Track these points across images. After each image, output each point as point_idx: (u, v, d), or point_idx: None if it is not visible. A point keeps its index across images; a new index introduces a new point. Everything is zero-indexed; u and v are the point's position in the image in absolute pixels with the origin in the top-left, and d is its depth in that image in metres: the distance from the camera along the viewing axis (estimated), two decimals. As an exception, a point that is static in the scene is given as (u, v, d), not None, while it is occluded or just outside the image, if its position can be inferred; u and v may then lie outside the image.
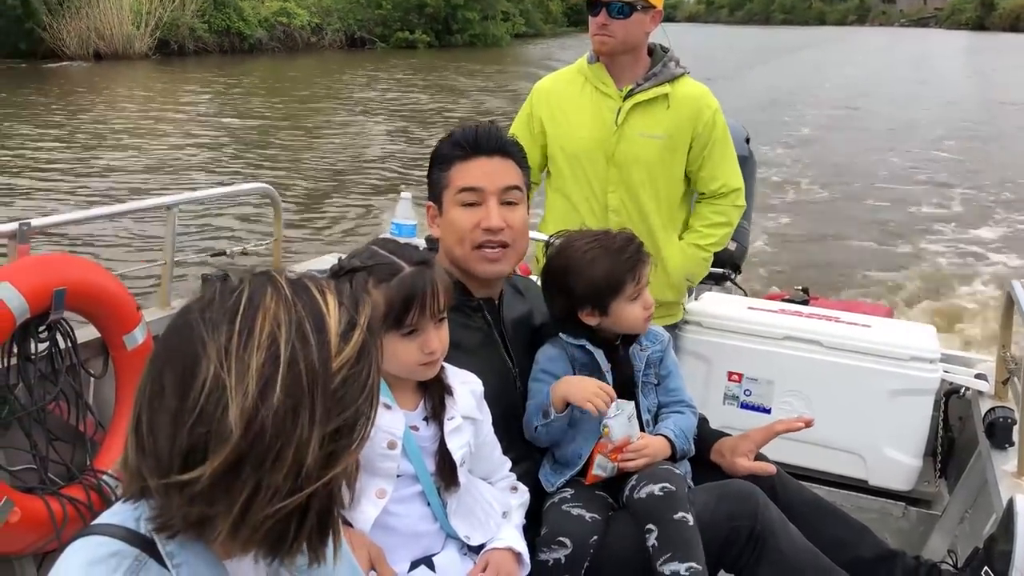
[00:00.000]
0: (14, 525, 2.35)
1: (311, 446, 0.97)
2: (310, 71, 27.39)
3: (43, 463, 2.58)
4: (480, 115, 19.14)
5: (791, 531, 2.07)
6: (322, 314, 1.00)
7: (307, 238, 9.56)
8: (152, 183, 11.83)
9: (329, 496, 1.02)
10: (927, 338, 3.33)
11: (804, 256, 9.76)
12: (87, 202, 10.43)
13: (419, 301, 1.73)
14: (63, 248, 7.59)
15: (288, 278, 1.04)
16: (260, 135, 16.17)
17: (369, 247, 1.84)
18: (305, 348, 0.98)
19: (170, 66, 26.74)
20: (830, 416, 3.22)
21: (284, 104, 20.32)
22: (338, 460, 1.00)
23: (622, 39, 3.00)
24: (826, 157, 15.63)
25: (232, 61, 28.27)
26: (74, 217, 3.17)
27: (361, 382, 1.00)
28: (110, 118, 17.07)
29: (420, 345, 1.76)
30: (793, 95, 24.50)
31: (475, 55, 34.86)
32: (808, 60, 36.66)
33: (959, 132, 19.11)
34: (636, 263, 2.16)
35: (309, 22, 33.50)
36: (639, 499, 2.01)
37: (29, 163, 12.87)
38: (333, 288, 1.04)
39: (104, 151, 13.96)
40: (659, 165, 3.06)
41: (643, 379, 2.23)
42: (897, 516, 3.22)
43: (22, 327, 2.48)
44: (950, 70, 34.17)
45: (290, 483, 0.97)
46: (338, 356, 0.99)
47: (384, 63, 30.10)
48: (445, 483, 1.82)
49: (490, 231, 2.08)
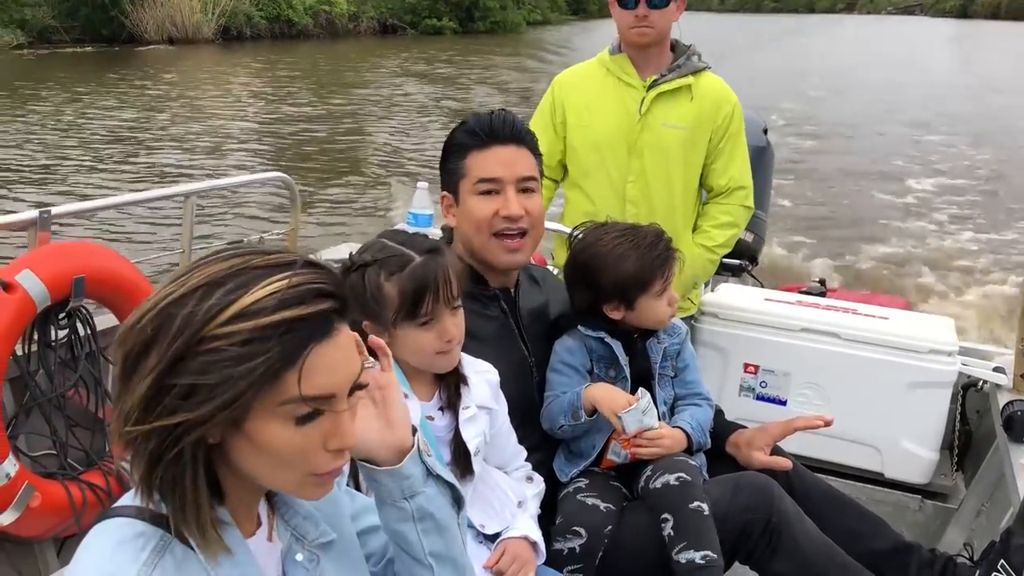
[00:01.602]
0: (35, 509, 2.38)
1: (148, 379, 1.01)
2: (347, 56, 29.46)
3: (63, 449, 2.61)
4: (505, 95, 19.99)
5: (806, 523, 2.07)
6: (243, 290, 1.02)
7: (326, 224, 9.62)
8: (180, 167, 12.06)
9: (175, 453, 1.03)
10: (945, 331, 3.31)
11: (822, 247, 9.71)
12: (132, 185, 10.80)
13: (432, 289, 1.73)
14: (85, 235, 7.66)
15: (273, 257, 1.07)
16: (288, 124, 16.45)
17: (379, 239, 1.84)
18: (200, 303, 1.01)
19: (230, 50, 29.43)
20: (847, 408, 3.21)
21: (318, 91, 20.98)
22: (173, 414, 1.00)
23: (660, 29, 3.00)
24: (831, 155, 15.47)
25: (282, 46, 31.25)
26: (94, 206, 3.20)
27: (224, 363, 0.99)
28: (178, 97, 18.81)
29: (438, 334, 1.77)
30: (790, 82, 24.51)
31: (496, 40, 37.31)
32: (804, 47, 37.36)
33: (965, 125, 18.92)
34: (667, 259, 2.16)
35: (347, 10, 36.46)
36: (655, 489, 2.01)
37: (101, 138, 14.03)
38: (288, 283, 1.03)
39: (166, 130, 15.22)
40: (680, 156, 3.05)
41: (660, 371, 2.23)
42: (914, 509, 3.21)
43: (43, 314, 2.51)
44: (950, 59, 34.11)
45: (137, 411, 1.02)
46: (217, 327, 1.00)
47: (413, 47, 32.53)
48: (460, 472, 1.83)
49: (510, 219, 2.08)
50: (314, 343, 1.04)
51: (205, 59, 26.88)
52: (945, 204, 12.16)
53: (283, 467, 1.08)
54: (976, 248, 9.95)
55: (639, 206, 3.05)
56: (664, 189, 3.07)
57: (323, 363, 1.05)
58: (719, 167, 3.11)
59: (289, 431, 1.05)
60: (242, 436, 1.05)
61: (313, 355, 1.04)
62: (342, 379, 1.09)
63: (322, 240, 7.97)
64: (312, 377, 1.04)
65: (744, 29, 42.60)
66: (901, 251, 9.74)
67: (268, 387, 1.02)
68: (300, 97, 19.92)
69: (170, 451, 1.02)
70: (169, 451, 1.02)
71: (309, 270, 1.07)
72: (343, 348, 1.08)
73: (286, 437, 1.05)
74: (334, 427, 1.09)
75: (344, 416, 1.10)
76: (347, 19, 36.57)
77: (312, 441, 1.07)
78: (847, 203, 12.06)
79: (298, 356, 1.03)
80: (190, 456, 1.04)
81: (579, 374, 2.19)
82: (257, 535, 1.19)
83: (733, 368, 3.41)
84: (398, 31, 39.02)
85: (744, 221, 3.22)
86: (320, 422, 1.07)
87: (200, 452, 1.05)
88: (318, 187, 11.52)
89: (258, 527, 1.20)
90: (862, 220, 11.06)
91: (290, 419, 1.05)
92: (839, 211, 11.55)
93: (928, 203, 12.14)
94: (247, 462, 1.08)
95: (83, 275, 2.54)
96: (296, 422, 1.05)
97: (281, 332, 1.01)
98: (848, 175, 13.64)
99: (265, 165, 12.62)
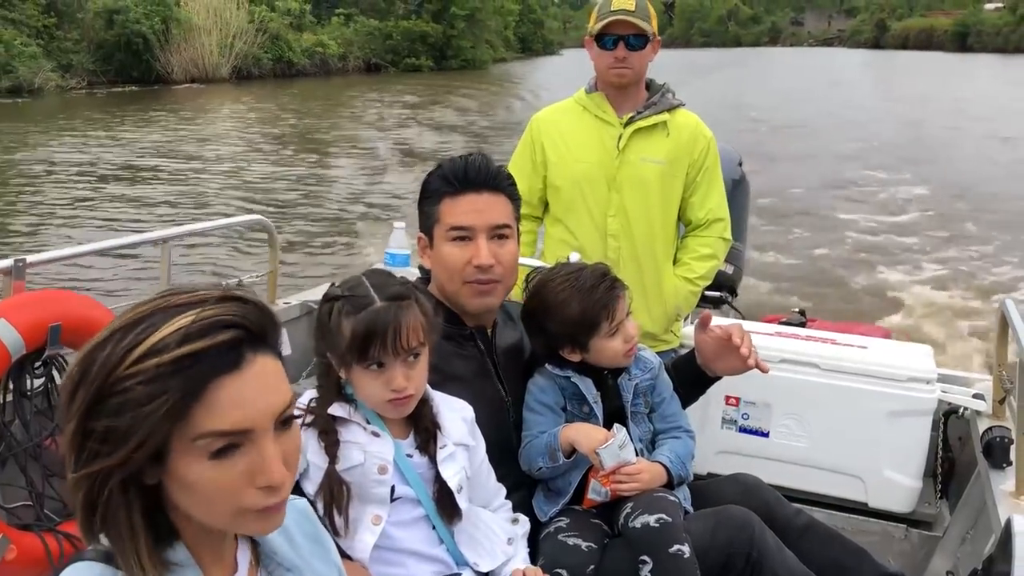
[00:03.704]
0: (10, 562, 2.33)
1: (72, 424, 1.01)
2: (338, 91, 33.47)
3: (39, 499, 2.57)
4: (474, 130, 21.71)
5: (787, 557, 2.06)
6: (152, 328, 1.02)
7: (307, 265, 9.61)
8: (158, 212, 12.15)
9: (105, 497, 1.02)
10: (924, 358, 3.32)
11: (799, 281, 9.77)
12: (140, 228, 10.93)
13: (380, 337, 1.73)
14: (61, 282, 7.60)
15: (195, 294, 1.07)
16: (272, 165, 16.69)
17: (358, 276, 1.85)
18: (116, 345, 1.01)
19: (240, 88, 33.42)
20: (829, 439, 3.21)
21: (301, 132, 21.94)
22: (95, 460, 1.01)
23: (637, 70, 3.06)
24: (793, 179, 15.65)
25: (284, 83, 35.92)
26: (69, 253, 3.18)
27: (133, 404, 0.99)
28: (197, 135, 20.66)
29: (385, 382, 1.77)
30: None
31: (467, 75, 42.60)
32: (740, 77, 39.55)
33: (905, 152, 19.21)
34: (608, 300, 2.14)
35: (337, 51, 42.10)
36: (634, 528, 2.00)
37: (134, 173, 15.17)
38: (194, 318, 1.03)
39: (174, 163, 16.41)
40: (658, 190, 3.09)
41: (633, 409, 2.22)
42: (899, 538, 3.19)
43: (18, 363, 2.49)
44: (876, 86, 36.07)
45: (70, 458, 1.02)
46: (127, 367, 1.00)
47: (394, 83, 36.66)
48: (447, 512, 1.82)
49: (480, 268, 2.09)
50: (217, 375, 1.02)
51: (222, 96, 30.42)
52: (912, 228, 12.29)
53: (212, 504, 1.06)
54: (951, 275, 10.03)
55: (620, 240, 3.08)
56: (644, 223, 3.09)
57: (231, 396, 1.03)
58: (696, 200, 3.15)
59: (206, 467, 1.03)
60: (169, 475, 1.04)
61: (217, 388, 1.02)
62: (258, 411, 1.05)
63: (302, 281, 7.96)
64: (220, 410, 1.02)
65: (679, 61, 44.83)
66: (879, 282, 9.80)
67: (179, 423, 1.01)
68: (286, 140, 20.34)
69: (100, 496, 1.02)
70: (99, 496, 1.02)
71: (222, 304, 1.05)
72: (257, 379, 1.05)
73: (204, 474, 1.03)
74: (258, 463, 1.05)
75: (268, 451, 1.05)
76: (337, 59, 41.85)
77: (232, 477, 1.04)
78: (816, 228, 12.18)
79: (200, 390, 1.01)
80: (121, 500, 1.03)
81: (554, 412, 2.18)
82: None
83: (715, 400, 3.40)
84: (381, 69, 44.27)
85: (723, 253, 3.25)
86: (237, 458, 1.04)
87: (134, 494, 1.04)
88: (297, 228, 11.52)
89: (233, 572, 1.18)
90: (834, 248, 11.14)
91: (204, 455, 1.03)
92: (812, 238, 11.64)
93: (898, 229, 12.25)
94: (182, 501, 1.07)
95: (59, 323, 2.52)
96: (210, 457, 1.03)
97: (183, 367, 1.00)
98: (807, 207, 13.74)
99: (244, 208, 12.62)
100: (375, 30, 45.22)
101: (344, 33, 43.55)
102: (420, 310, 1.79)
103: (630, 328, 2.18)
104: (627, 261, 3.06)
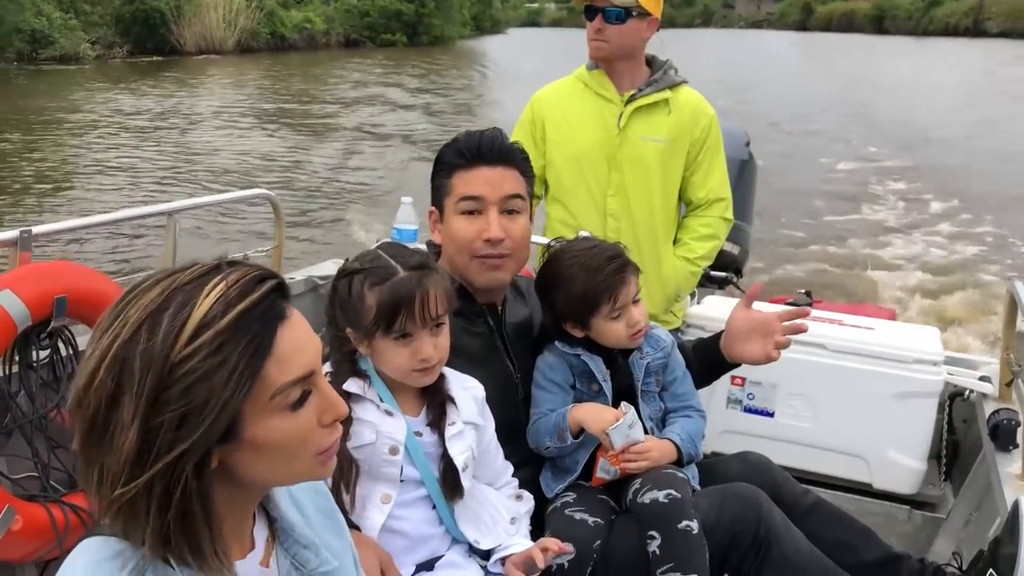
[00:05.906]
0: (16, 533, 2.34)
1: (133, 430, 0.97)
2: (326, 64, 36.12)
3: (45, 471, 2.57)
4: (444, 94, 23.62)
5: (795, 535, 2.06)
6: (189, 306, 1.00)
7: (311, 240, 9.59)
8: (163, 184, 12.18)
9: (181, 488, 1.00)
10: (930, 340, 3.32)
11: (805, 261, 9.75)
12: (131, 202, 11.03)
13: (407, 307, 1.73)
14: (67, 254, 7.60)
15: (196, 268, 1.06)
16: (274, 140, 16.61)
17: (375, 250, 1.85)
18: (153, 335, 0.99)
19: (243, 59, 35.87)
20: (834, 419, 3.21)
21: (304, 109, 21.91)
22: (171, 449, 0.98)
23: (617, 44, 3.03)
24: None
25: (280, 55, 38.41)
26: (76, 224, 3.16)
27: (204, 379, 0.98)
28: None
29: (413, 351, 1.76)
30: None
31: (436, 51, 46.58)
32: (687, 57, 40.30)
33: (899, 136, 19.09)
34: (613, 284, 2.10)
35: (322, 27, 45.10)
36: (643, 504, 2.00)
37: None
38: (226, 283, 1.02)
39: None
40: (659, 169, 3.06)
41: (644, 387, 2.20)
42: (902, 519, 3.20)
43: (23, 335, 2.48)
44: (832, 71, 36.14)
45: (128, 467, 0.98)
46: (182, 349, 0.98)
47: (372, 56, 40.20)
48: (449, 489, 1.82)
49: (490, 242, 2.08)
50: (277, 326, 1.05)
51: (234, 66, 33.01)
52: (921, 212, 12.25)
53: (291, 459, 1.09)
54: (960, 258, 10.00)
55: (619, 219, 3.06)
56: (644, 202, 3.08)
57: (293, 343, 1.06)
58: (698, 180, 3.13)
59: (288, 420, 1.06)
60: (242, 446, 1.05)
61: (281, 337, 1.04)
62: (314, 353, 1.10)
63: (307, 257, 7.94)
64: (288, 360, 1.05)
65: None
66: (887, 262, 9.76)
67: (254, 383, 1.02)
68: (288, 115, 20.26)
69: (176, 488, 1.00)
70: (176, 488, 1.00)
71: (234, 267, 1.07)
72: (301, 323, 1.10)
73: (286, 427, 1.06)
74: (323, 401, 1.11)
75: (327, 387, 1.12)
76: (322, 34, 45.20)
77: (309, 423, 1.09)
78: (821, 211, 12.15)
79: (268, 343, 1.03)
80: (195, 488, 1.02)
81: (563, 390, 2.17)
82: (248, 558, 1.17)
83: (721, 380, 3.39)
84: (360, 44, 48.29)
85: (724, 233, 3.23)
86: (311, 401, 1.09)
87: (204, 480, 1.03)
88: (302, 204, 11.49)
89: (250, 549, 1.18)
90: (843, 231, 11.11)
91: (284, 408, 1.06)
92: (817, 222, 11.60)
93: (909, 211, 12.21)
94: (254, 469, 1.08)
95: (65, 295, 2.51)
96: (292, 408, 1.06)
97: (244, 326, 1.01)
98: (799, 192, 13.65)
99: (250, 182, 12.59)
100: (353, 8, 49.20)
101: (326, 11, 47.23)
102: (441, 278, 1.79)
103: (635, 314, 2.14)
104: (626, 241, 3.00)
